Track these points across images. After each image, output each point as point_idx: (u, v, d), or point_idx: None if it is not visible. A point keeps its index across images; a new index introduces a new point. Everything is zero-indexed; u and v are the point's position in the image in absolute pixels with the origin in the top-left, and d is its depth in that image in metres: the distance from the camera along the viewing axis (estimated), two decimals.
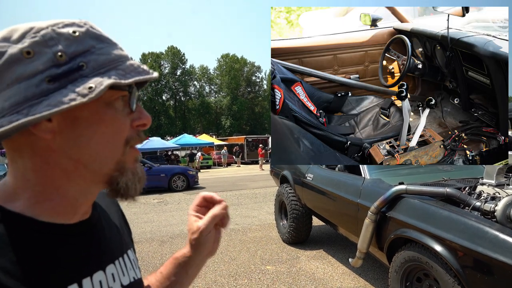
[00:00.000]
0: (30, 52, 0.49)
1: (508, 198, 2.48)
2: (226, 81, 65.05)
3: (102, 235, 0.65)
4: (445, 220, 2.51)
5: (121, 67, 0.54)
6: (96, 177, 0.57)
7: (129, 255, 0.71)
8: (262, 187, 12.80)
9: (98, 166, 0.56)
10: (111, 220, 0.71)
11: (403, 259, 2.80)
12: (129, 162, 0.59)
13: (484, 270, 2.21)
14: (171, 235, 6.52)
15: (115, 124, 0.56)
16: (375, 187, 3.39)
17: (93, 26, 0.56)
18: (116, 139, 0.56)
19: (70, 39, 0.52)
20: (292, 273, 4.37)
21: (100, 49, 0.54)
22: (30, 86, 0.48)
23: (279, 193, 5.77)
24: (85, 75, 0.51)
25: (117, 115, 0.56)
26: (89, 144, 0.54)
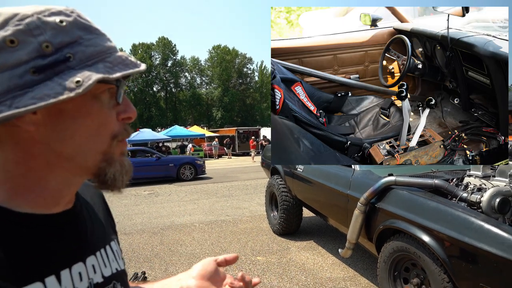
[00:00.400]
0: (13, 41, 0.47)
1: (493, 189, 2.53)
2: (217, 72, 64.71)
3: (84, 226, 0.63)
4: (433, 211, 2.56)
5: (109, 59, 0.53)
6: (80, 169, 0.56)
7: (112, 246, 0.69)
8: (253, 179, 12.84)
9: (82, 159, 0.55)
10: (95, 211, 0.70)
11: (392, 249, 2.85)
12: (116, 155, 0.58)
13: (469, 259, 2.27)
14: (162, 226, 6.53)
15: (101, 117, 0.55)
16: (365, 179, 3.43)
17: (81, 15, 0.54)
18: (102, 132, 0.55)
19: (56, 29, 0.50)
20: (283, 264, 4.41)
21: (88, 40, 0.52)
22: (13, 76, 0.47)
23: (270, 185, 5.79)
24: (72, 67, 0.49)
25: (103, 108, 0.55)
26: (73, 137, 0.53)
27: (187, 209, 8.04)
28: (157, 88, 64.12)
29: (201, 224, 6.56)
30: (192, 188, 11.32)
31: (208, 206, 8.30)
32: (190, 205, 8.53)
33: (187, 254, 4.91)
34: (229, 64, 65.21)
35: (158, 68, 62.23)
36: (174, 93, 64.65)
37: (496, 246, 2.10)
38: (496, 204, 2.44)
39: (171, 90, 64.76)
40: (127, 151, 0.62)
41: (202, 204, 8.58)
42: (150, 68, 60.96)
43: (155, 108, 61.86)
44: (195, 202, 8.82)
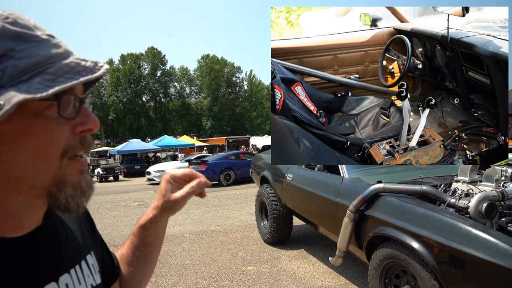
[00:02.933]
0: None
1: (480, 195, 2.55)
2: (206, 82, 64.87)
3: (57, 243, 0.61)
4: (422, 217, 2.57)
5: (50, 70, 0.48)
6: (33, 192, 0.52)
7: (88, 260, 0.67)
8: (243, 188, 12.80)
9: (31, 181, 0.51)
10: (69, 226, 0.67)
11: (382, 257, 2.85)
12: (70, 175, 0.53)
13: (458, 265, 2.27)
14: None
15: (46, 135, 0.50)
16: (354, 186, 3.43)
17: (16, 21, 0.49)
18: (50, 151, 0.50)
19: None
20: (273, 273, 4.38)
21: (21, 52, 0.47)
22: None
23: (260, 194, 5.77)
24: (2, 85, 0.44)
25: (50, 125, 0.50)
26: (17, 159, 0.49)
27: (177, 219, 7.96)
28: (146, 98, 63.95)
29: (191, 235, 6.49)
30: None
31: (198, 216, 8.23)
32: (180, 215, 8.43)
33: (177, 265, 4.85)
34: (218, 73, 65.43)
35: (147, 78, 62.13)
36: (164, 103, 64.49)
37: (484, 251, 2.11)
38: (483, 209, 2.46)
39: (160, 100, 64.61)
40: (85, 168, 0.56)
41: (192, 214, 8.51)
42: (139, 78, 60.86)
43: (144, 118, 61.57)
44: (185, 212, 8.73)
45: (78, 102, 0.52)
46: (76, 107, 0.52)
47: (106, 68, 0.52)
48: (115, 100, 58.97)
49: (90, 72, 0.50)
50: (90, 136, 0.56)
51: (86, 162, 0.56)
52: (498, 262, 2.03)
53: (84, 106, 0.54)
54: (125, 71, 59.90)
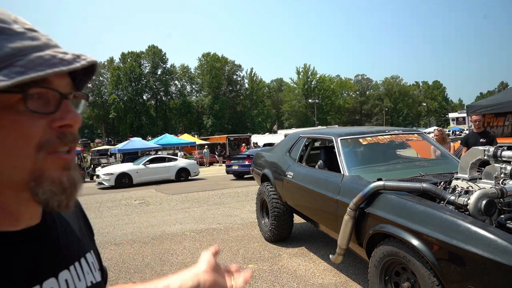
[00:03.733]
0: None
1: (479, 192, 2.56)
2: (207, 80, 64.83)
3: (56, 240, 0.60)
4: (422, 214, 2.58)
5: (20, 63, 0.46)
6: (15, 186, 0.51)
7: (87, 258, 0.67)
8: (244, 186, 12.81)
9: (8, 176, 0.50)
10: (68, 223, 0.67)
11: (382, 254, 2.86)
12: (49, 170, 0.52)
13: (458, 262, 2.28)
14: (153, 236, 6.47)
15: (17, 129, 0.48)
16: (354, 184, 3.44)
17: None
18: (22, 146, 0.49)
19: None
20: (274, 271, 4.40)
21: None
22: None
23: (260, 192, 5.78)
24: None
25: (21, 118, 0.48)
26: None
27: (178, 217, 7.99)
28: (147, 97, 63.97)
29: (192, 233, 6.51)
30: (183, 197, 11.25)
31: (199, 214, 8.25)
32: (181, 213, 8.47)
33: (178, 263, 4.87)
34: (218, 71, 65.40)
35: (148, 76, 62.12)
36: (164, 101, 64.52)
37: (483, 248, 2.12)
38: (482, 206, 2.47)
39: (161, 98, 64.62)
40: (71, 164, 0.54)
41: (193, 212, 8.53)
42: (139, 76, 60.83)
43: (145, 116, 61.58)
44: (186, 211, 8.76)
45: (58, 96, 0.51)
46: (52, 101, 0.51)
47: (88, 61, 0.51)
48: (116, 99, 58.97)
49: (67, 64, 0.49)
50: (74, 132, 0.54)
51: (70, 159, 0.54)
52: (497, 259, 2.04)
53: (66, 101, 0.52)
54: (125, 70, 59.88)
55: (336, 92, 76.76)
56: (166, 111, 64.21)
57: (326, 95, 72.30)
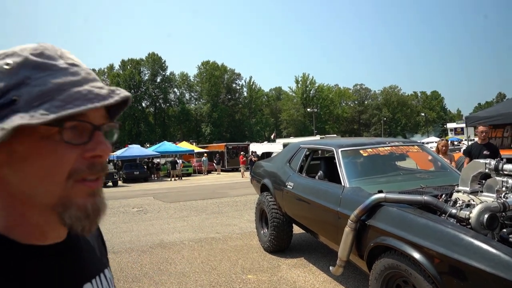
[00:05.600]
0: None
1: (481, 206, 2.56)
2: (206, 88, 65.02)
3: (80, 255, 0.65)
4: (423, 227, 2.57)
5: (60, 97, 0.50)
6: (44, 208, 0.55)
7: (106, 273, 0.71)
8: (243, 195, 12.77)
9: (40, 199, 0.54)
10: (89, 241, 0.71)
11: (383, 267, 2.84)
12: (76, 197, 0.55)
13: (460, 276, 2.27)
14: (151, 244, 6.43)
15: (52, 157, 0.53)
16: (355, 196, 3.44)
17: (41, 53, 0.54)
18: (55, 173, 0.53)
19: (3, 72, 0.50)
20: (273, 282, 4.37)
21: (36, 80, 0.51)
22: None
23: (260, 202, 5.76)
24: (17, 110, 0.48)
25: (57, 148, 0.53)
26: (27, 177, 0.53)
27: (177, 226, 7.95)
28: (146, 104, 64.06)
29: (191, 242, 6.47)
30: (181, 205, 11.21)
31: (197, 223, 8.21)
32: (179, 222, 8.43)
33: (176, 273, 4.83)
34: (218, 79, 65.61)
35: (147, 83, 62.29)
36: (163, 108, 64.58)
37: (486, 263, 2.12)
38: (485, 220, 2.46)
39: (160, 106, 64.71)
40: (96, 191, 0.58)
41: (192, 221, 8.48)
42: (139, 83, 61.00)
43: (144, 123, 61.63)
44: (185, 219, 8.72)
45: (91, 128, 0.55)
46: (85, 133, 0.54)
47: (121, 96, 0.54)
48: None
49: (102, 100, 0.53)
50: (104, 162, 0.57)
51: (96, 186, 0.58)
52: (500, 274, 2.03)
53: (98, 132, 0.56)
54: (125, 77, 60.02)
55: (335, 102, 77.02)
56: (164, 118, 64.25)
57: (325, 104, 72.52)
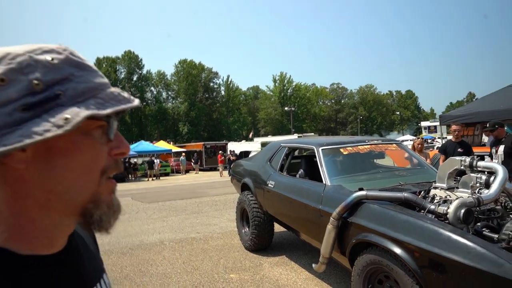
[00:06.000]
0: (3, 80, 0.47)
1: (458, 201, 2.66)
2: (183, 87, 64.43)
3: (81, 262, 0.64)
4: (404, 223, 2.65)
5: (100, 96, 0.53)
6: (69, 209, 0.55)
7: (105, 279, 0.70)
8: (222, 194, 12.75)
9: (71, 196, 0.54)
10: (86, 244, 0.70)
11: (365, 263, 2.91)
12: (104, 194, 0.57)
13: (439, 269, 2.36)
14: (131, 246, 6.34)
15: (92, 153, 0.54)
16: (336, 193, 3.50)
17: (74, 53, 0.55)
18: (93, 169, 0.55)
19: (48, 67, 0.50)
20: (256, 281, 4.39)
21: (79, 77, 0.52)
22: (2, 114, 0.47)
23: (241, 201, 5.77)
24: (62, 104, 0.49)
25: (95, 144, 0.54)
26: (63, 174, 0.52)
27: (156, 227, 7.87)
28: None
29: (171, 243, 6.42)
30: (160, 205, 11.10)
31: (177, 223, 8.15)
32: (159, 222, 8.35)
33: (158, 274, 4.79)
34: (195, 78, 65.12)
35: (123, 82, 61.23)
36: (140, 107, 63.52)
37: (463, 255, 2.20)
38: (461, 215, 2.56)
39: None
40: (115, 189, 0.60)
41: (171, 221, 8.42)
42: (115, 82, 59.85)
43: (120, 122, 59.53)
44: (164, 220, 8.64)
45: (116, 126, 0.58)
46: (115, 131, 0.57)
47: (138, 101, 0.58)
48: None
49: (129, 102, 0.55)
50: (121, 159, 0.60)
51: (116, 184, 0.60)
52: (477, 265, 2.12)
53: (118, 132, 0.58)
54: None
55: (312, 100, 77.76)
56: (141, 117, 63.26)
57: (302, 103, 73.11)
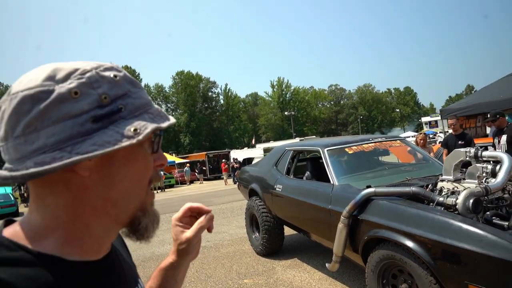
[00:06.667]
0: (77, 92, 0.52)
1: (466, 191, 2.70)
2: (182, 98, 64.61)
3: (121, 267, 0.67)
4: (414, 217, 2.69)
5: (151, 111, 0.58)
6: (122, 216, 0.59)
7: (140, 283, 0.73)
8: (228, 202, 12.77)
9: (125, 204, 0.58)
10: (122, 252, 0.73)
11: (378, 258, 2.95)
12: (148, 203, 0.62)
13: (452, 259, 2.40)
14: (143, 258, 6.38)
15: (144, 163, 0.59)
16: (345, 192, 3.54)
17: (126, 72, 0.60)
18: (144, 178, 0.60)
19: (112, 83, 0.55)
20: (270, 284, 4.42)
21: (135, 93, 0.57)
22: (75, 124, 0.51)
23: (249, 207, 5.81)
24: (123, 117, 0.54)
25: (146, 155, 0.59)
26: (121, 181, 0.57)
27: (166, 238, 7.89)
28: None
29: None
30: (168, 217, 11.07)
31: None
32: (168, 233, 8.35)
33: None
34: (193, 89, 65.33)
35: None
36: None
37: (475, 244, 2.25)
38: (470, 205, 2.60)
39: None
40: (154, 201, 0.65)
41: None
42: None
43: None
44: None
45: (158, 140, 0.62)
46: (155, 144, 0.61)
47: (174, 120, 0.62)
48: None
49: (167, 119, 0.60)
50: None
51: (154, 195, 0.65)
52: (489, 253, 2.17)
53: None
54: None
55: (311, 103, 77.91)
56: None
57: (301, 107, 73.25)
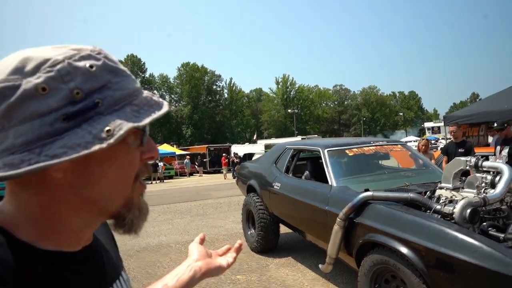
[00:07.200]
0: (45, 88, 0.46)
1: (464, 201, 2.69)
2: (186, 90, 64.56)
3: (101, 259, 0.64)
4: (410, 223, 2.68)
5: (135, 102, 0.52)
6: (103, 212, 0.57)
7: (123, 276, 0.70)
8: (226, 196, 12.78)
9: (106, 203, 0.55)
10: (105, 243, 0.70)
11: (372, 263, 2.94)
12: (135, 197, 0.58)
13: (446, 268, 2.39)
14: (137, 248, 6.38)
15: (127, 160, 0.54)
16: (343, 194, 3.53)
17: (108, 56, 0.53)
18: (128, 175, 0.55)
19: (86, 74, 0.49)
20: (263, 282, 4.42)
21: (116, 84, 0.51)
22: (44, 124, 0.46)
23: (246, 203, 5.81)
24: (101, 113, 0.48)
25: (130, 150, 0.54)
26: (100, 181, 0.53)
27: (162, 229, 7.91)
28: None
29: (178, 245, 6.47)
30: (165, 208, 11.14)
31: (182, 225, 8.20)
32: (164, 225, 8.39)
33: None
34: (198, 81, 65.23)
35: None
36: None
37: (470, 255, 2.23)
38: (467, 214, 2.59)
39: None
40: (144, 192, 0.61)
41: (177, 223, 8.46)
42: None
43: None
44: (169, 222, 8.69)
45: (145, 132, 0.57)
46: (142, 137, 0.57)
47: (167, 106, 0.57)
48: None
49: (159, 107, 0.55)
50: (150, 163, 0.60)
51: (146, 187, 0.61)
52: (483, 264, 2.15)
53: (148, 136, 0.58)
54: None
55: (315, 102, 77.80)
56: None
57: (305, 105, 73.14)
